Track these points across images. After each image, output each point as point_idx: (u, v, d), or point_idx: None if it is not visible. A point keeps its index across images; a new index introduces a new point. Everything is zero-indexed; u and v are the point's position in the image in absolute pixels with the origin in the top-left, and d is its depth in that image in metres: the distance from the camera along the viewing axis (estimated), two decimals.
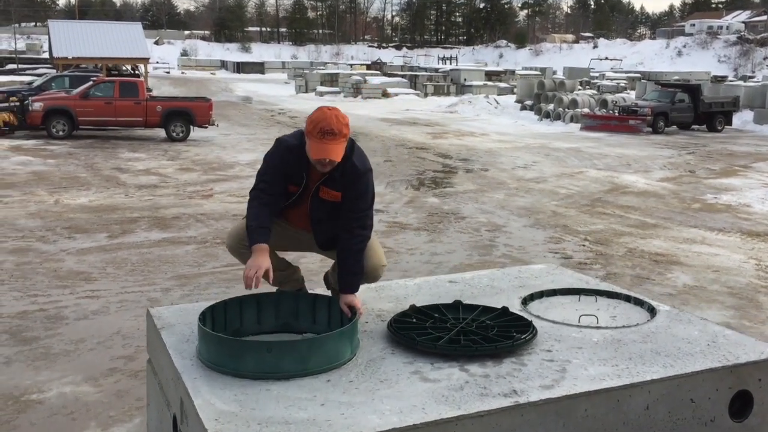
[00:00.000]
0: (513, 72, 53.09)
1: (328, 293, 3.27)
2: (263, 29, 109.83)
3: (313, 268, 6.18)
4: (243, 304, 2.91)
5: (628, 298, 3.37)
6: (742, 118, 27.28)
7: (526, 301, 3.30)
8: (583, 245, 8.83)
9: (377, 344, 2.81)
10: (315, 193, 3.01)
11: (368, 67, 58.60)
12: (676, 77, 45.69)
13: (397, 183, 13.21)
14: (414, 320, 2.92)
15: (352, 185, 2.95)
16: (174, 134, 18.62)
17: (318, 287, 3.60)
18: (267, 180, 3.01)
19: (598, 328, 2.99)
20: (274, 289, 3.26)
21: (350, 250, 2.96)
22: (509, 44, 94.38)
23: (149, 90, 24.08)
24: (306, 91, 42.75)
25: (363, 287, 3.09)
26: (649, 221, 10.35)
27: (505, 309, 2.98)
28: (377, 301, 3.32)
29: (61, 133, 17.93)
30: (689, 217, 10.73)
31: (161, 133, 19.04)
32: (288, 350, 2.42)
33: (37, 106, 17.84)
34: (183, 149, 17.21)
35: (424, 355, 2.64)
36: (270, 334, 2.89)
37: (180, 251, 8.11)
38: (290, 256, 3.43)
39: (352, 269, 2.97)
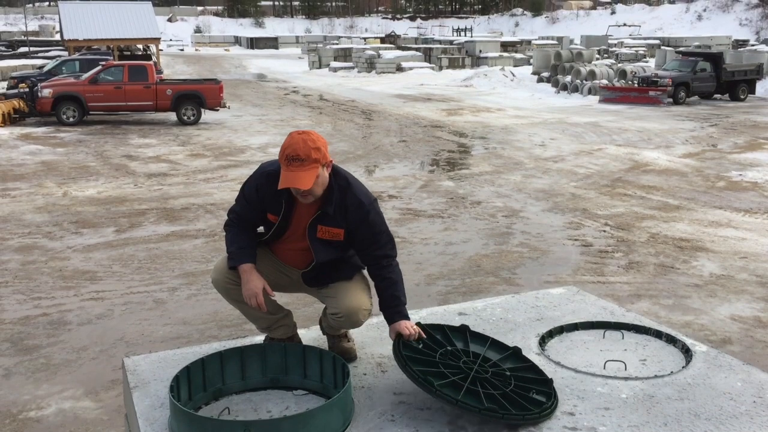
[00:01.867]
0: (529, 42, 52.12)
1: (324, 338, 3.00)
2: (276, 3, 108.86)
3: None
4: (224, 359, 2.62)
5: (659, 335, 3.01)
6: (766, 86, 26.54)
7: (544, 340, 2.98)
8: (604, 231, 8.52)
9: (376, 406, 2.48)
10: (311, 232, 2.74)
11: (382, 40, 57.83)
12: (697, 43, 44.66)
13: (411, 165, 12.91)
14: (421, 346, 2.63)
15: (364, 223, 2.72)
16: (185, 118, 18.39)
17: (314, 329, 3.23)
18: (238, 211, 2.82)
19: (626, 379, 2.63)
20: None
21: (394, 281, 2.75)
22: (525, 12, 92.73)
23: (160, 72, 23.83)
24: (320, 67, 42.28)
25: (363, 326, 2.81)
26: (671, 202, 10.00)
27: (516, 351, 2.68)
28: (377, 343, 2.97)
29: (71, 119, 17.77)
30: (714, 197, 10.36)
31: (172, 116, 18.82)
32: (269, 430, 2.11)
33: (47, 92, 17.66)
34: (194, 133, 16.99)
35: (427, 424, 2.34)
36: (257, 392, 2.61)
37: (188, 246, 7.91)
38: (282, 299, 3.13)
39: (399, 299, 2.74)
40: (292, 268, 2.87)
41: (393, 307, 2.73)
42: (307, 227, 2.72)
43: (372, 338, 3.02)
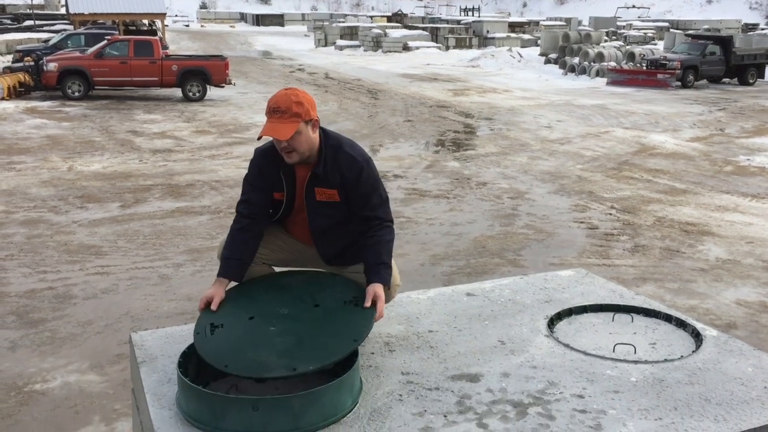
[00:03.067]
0: (537, 23, 51.74)
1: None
2: None
3: None
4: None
5: (668, 318, 2.98)
6: None
7: (553, 322, 2.94)
8: (610, 214, 8.49)
9: (384, 385, 2.46)
10: (309, 196, 2.70)
11: (389, 19, 57.43)
12: (706, 26, 44.31)
13: (417, 145, 12.86)
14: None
15: (356, 181, 2.64)
16: (190, 94, 18.32)
17: None
18: (244, 199, 2.76)
19: (636, 362, 2.60)
20: None
21: (381, 239, 2.64)
22: None
23: (165, 47, 23.70)
24: (325, 45, 42.04)
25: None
26: (678, 186, 9.95)
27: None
28: (385, 322, 2.92)
29: (76, 94, 17.71)
30: (721, 182, 10.30)
31: (178, 92, 18.74)
32: (277, 407, 2.10)
33: (52, 66, 17.59)
34: (199, 110, 16.93)
35: (435, 404, 2.33)
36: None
37: (193, 222, 7.91)
38: None
39: (382, 259, 2.62)
40: (306, 245, 2.84)
41: (372, 265, 2.63)
42: (305, 191, 2.68)
43: None
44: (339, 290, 2.59)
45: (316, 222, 2.74)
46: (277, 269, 2.95)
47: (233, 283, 2.71)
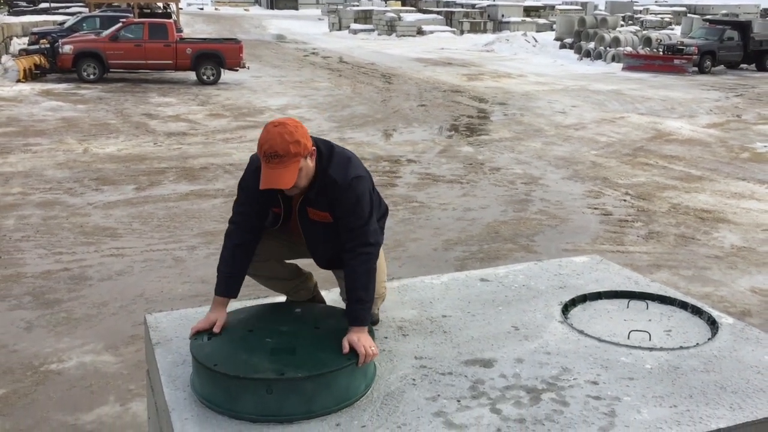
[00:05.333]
0: (553, 7, 51.25)
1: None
2: None
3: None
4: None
5: (684, 305, 2.96)
6: None
7: (567, 308, 2.93)
8: (624, 200, 8.44)
9: (397, 369, 2.45)
10: (303, 215, 2.61)
11: (403, 2, 57.06)
12: (724, 11, 43.74)
13: (430, 130, 12.82)
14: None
15: (337, 202, 2.51)
16: (204, 77, 18.33)
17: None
18: (241, 211, 2.60)
19: (651, 349, 2.58)
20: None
21: (354, 272, 2.48)
22: None
23: (179, 30, 23.69)
24: (339, 29, 41.87)
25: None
26: (694, 173, 9.87)
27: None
28: (398, 307, 2.92)
29: (91, 76, 17.76)
30: (737, 168, 10.21)
31: (192, 76, 18.76)
32: (292, 390, 2.12)
33: (67, 48, 17.64)
34: (213, 93, 16.94)
35: (448, 388, 2.33)
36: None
37: (207, 205, 7.94)
38: (302, 262, 3.00)
39: (357, 295, 2.47)
40: (303, 244, 2.79)
41: (348, 304, 2.49)
42: (298, 210, 2.60)
43: (393, 302, 2.99)
44: (341, 319, 2.53)
45: (311, 238, 2.66)
46: (280, 298, 2.93)
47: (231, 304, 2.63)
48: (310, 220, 2.61)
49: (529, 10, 46.30)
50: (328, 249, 2.67)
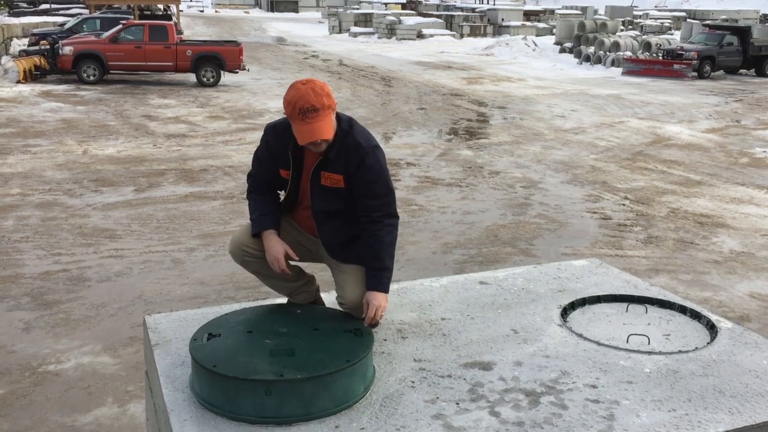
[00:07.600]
0: (552, 11, 51.33)
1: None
2: None
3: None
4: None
5: (683, 310, 2.96)
6: None
7: (566, 311, 2.93)
8: (623, 204, 8.45)
9: (396, 371, 2.46)
10: (315, 178, 2.64)
11: (403, 6, 57.15)
12: (724, 16, 43.83)
13: (430, 133, 12.83)
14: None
15: (360, 167, 2.56)
16: (204, 79, 18.34)
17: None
18: (254, 173, 2.77)
19: (650, 353, 2.59)
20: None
21: (381, 242, 2.57)
22: None
23: (180, 32, 23.70)
24: (339, 32, 41.93)
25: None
26: (693, 178, 9.88)
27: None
28: (397, 309, 2.93)
29: (91, 77, 17.77)
30: (736, 174, 10.22)
31: (192, 77, 18.77)
32: (290, 391, 2.12)
33: (67, 50, 17.64)
34: (213, 95, 16.95)
35: (447, 391, 2.33)
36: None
37: (206, 207, 7.93)
38: (305, 265, 3.02)
39: (384, 264, 2.57)
40: (313, 237, 2.81)
41: (371, 270, 2.59)
42: (311, 173, 2.63)
43: (392, 305, 2.98)
44: (340, 320, 2.59)
45: (318, 206, 2.68)
46: (280, 299, 2.94)
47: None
48: (321, 187, 2.64)
49: (529, 15, 46.36)
50: (336, 227, 2.70)
